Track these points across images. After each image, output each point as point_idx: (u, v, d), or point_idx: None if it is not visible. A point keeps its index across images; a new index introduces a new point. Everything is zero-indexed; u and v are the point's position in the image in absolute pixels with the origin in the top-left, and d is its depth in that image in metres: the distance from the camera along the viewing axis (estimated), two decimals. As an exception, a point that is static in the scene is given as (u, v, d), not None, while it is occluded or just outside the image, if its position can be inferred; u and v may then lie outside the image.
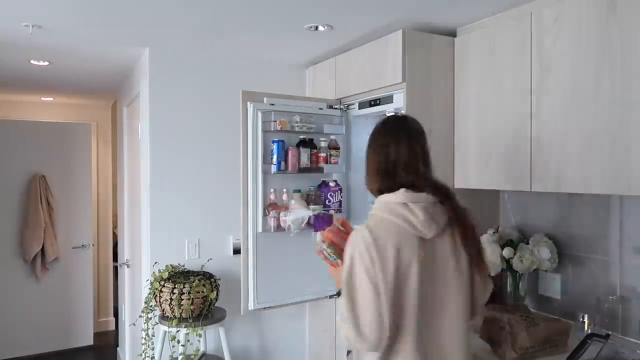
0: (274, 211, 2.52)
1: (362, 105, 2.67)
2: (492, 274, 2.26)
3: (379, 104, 2.54)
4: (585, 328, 1.96)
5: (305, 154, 2.57)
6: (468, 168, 2.35)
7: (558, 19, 1.91)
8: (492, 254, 2.23)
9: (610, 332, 1.87)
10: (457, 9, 2.22)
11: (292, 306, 2.72)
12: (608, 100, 1.74)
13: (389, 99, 2.46)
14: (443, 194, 1.46)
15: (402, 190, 1.43)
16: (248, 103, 2.47)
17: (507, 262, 2.24)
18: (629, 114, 1.67)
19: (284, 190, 2.56)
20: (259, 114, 2.47)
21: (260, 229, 2.50)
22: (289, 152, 2.54)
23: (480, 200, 2.51)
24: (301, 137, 2.60)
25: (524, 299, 2.34)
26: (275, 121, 2.51)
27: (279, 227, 2.52)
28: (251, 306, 2.50)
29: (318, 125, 2.66)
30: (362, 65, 2.61)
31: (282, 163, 2.51)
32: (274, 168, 2.51)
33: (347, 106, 2.78)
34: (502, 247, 2.25)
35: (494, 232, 2.35)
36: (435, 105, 2.38)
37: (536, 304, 2.39)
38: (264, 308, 2.56)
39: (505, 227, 2.46)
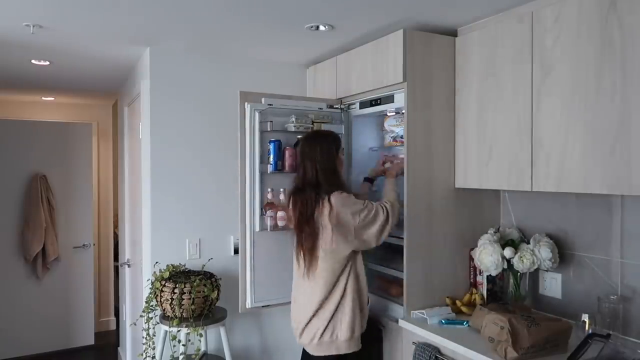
0: (270, 210, 2.52)
1: (363, 105, 2.67)
2: (493, 273, 2.27)
3: (379, 104, 2.54)
4: (586, 328, 1.95)
5: (302, 154, 2.58)
6: (468, 168, 2.35)
7: (558, 19, 1.91)
8: (493, 253, 2.23)
9: (611, 332, 1.86)
10: (458, 9, 2.22)
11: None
12: (608, 99, 1.74)
13: (389, 99, 2.46)
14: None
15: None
16: (246, 103, 2.47)
17: (508, 261, 2.24)
18: (629, 113, 1.67)
19: (281, 189, 2.55)
20: (257, 115, 2.48)
21: (257, 228, 2.50)
22: (286, 152, 2.55)
23: (480, 200, 2.51)
24: (299, 137, 2.61)
25: (524, 298, 2.33)
26: (271, 121, 2.52)
27: (276, 227, 2.53)
28: (248, 304, 2.50)
29: (316, 125, 2.65)
30: (363, 65, 2.61)
31: (279, 163, 2.53)
32: (270, 168, 2.52)
33: (348, 106, 2.78)
34: (503, 247, 2.25)
35: (494, 232, 2.35)
36: (436, 104, 2.38)
37: (537, 303, 2.39)
38: (262, 306, 2.56)
39: (505, 227, 2.46)
